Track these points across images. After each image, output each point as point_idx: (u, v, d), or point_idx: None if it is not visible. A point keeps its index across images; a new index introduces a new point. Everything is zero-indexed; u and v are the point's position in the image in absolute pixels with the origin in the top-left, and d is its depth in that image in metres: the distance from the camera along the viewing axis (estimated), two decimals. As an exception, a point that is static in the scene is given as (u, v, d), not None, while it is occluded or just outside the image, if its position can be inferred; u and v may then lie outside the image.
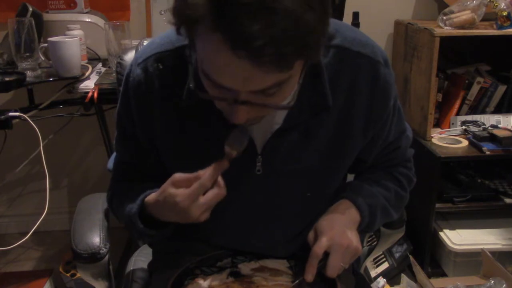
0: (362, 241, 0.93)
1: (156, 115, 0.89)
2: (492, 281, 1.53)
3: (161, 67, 0.86)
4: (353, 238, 0.89)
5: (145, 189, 0.92)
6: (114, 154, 1.05)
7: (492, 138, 1.91)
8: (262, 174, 0.90)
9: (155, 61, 0.87)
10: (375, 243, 1.20)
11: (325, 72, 0.83)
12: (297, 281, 0.89)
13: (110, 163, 1.05)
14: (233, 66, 0.64)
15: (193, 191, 0.78)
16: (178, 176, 0.81)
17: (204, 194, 0.79)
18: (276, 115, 0.86)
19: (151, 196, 0.88)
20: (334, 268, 0.86)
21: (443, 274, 1.98)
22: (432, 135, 1.97)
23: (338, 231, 0.88)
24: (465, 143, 1.94)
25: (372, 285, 1.83)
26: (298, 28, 0.61)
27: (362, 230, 0.95)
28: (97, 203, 1.14)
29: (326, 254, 0.87)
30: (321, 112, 0.86)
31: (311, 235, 0.92)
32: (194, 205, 0.78)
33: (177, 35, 0.71)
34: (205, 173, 0.78)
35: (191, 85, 0.72)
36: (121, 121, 0.96)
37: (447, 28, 1.85)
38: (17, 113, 1.50)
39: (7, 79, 1.51)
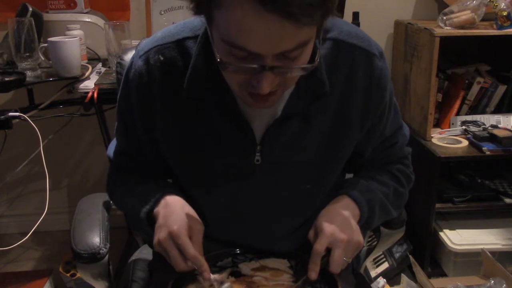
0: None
1: (157, 107, 0.90)
2: (492, 281, 1.52)
3: (162, 59, 0.88)
4: (353, 231, 0.89)
5: (149, 185, 0.95)
6: (114, 142, 1.05)
7: (492, 138, 1.91)
8: (261, 164, 0.91)
9: (156, 53, 0.88)
10: (375, 243, 1.20)
11: (322, 62, 0.85)
12: (300, 281, 0.89)
13: (110, 151, 1.05)
14: (263, 25, 0.65)
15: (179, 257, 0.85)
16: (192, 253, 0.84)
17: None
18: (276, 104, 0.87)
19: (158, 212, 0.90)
20: (338, 263, 0.86)
21: (443, 274, 1.98)
22: (432, 135, 1.97)
23: (338, 226, 0.88)
24: (465, 143, 1.94)
25: (372, 285, 1.83)
26: None
27: (361, 226, 0.95)
28: (97, 203, 1.14)
29: (328, 251, 0.87)
30: (319, 99, 0.87)
31: (311, 233, 0.92)
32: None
33: (182, 26, 0.70)
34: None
35: (218, 59, 0.73)
36: (121, 113, 0.97)
37: (447, 28, 1.85)
38: (17, 113, 1.50)
39: (7, 79, 1.51)
